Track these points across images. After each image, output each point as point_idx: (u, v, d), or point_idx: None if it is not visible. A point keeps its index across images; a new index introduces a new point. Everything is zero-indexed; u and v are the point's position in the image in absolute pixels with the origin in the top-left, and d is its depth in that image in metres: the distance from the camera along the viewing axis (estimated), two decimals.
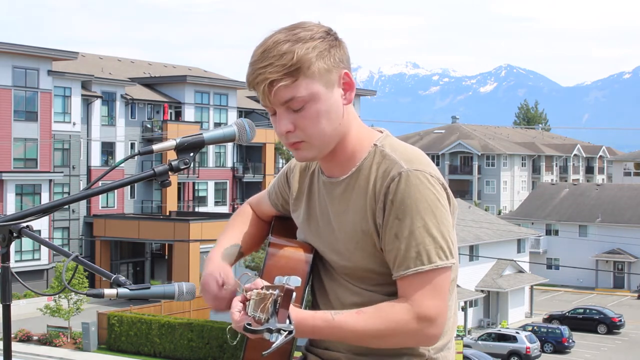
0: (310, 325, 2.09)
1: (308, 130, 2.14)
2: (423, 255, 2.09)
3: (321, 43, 2.13)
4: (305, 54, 2.09)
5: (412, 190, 2.10)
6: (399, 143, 2.23)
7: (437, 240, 2.10)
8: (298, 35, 2.12)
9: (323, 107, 2.13)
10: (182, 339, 33.64)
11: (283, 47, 2.09)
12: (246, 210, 2.60)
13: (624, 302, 54.49)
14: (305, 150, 2.18)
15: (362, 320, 2.08)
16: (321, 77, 2.12)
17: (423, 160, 2.16)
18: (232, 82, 61.67)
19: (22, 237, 2.17)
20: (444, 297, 2.12)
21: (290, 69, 2.08)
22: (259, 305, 1.88)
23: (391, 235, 2.12)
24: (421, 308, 2.08)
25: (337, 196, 2.25)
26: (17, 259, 43.17)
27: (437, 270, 2.10)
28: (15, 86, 45.98)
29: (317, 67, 2.11)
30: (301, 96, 2.10)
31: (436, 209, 2.10)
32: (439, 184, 2.14)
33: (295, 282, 1.90)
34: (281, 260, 2.29)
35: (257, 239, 2.53)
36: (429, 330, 2.09)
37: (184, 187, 56.88)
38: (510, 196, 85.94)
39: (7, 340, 2.23)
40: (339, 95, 2.16)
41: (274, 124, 2.16)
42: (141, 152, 2.14)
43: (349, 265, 2.23)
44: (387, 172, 2.15)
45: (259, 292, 1.89)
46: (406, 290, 2.11)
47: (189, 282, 2.19)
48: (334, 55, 2.14)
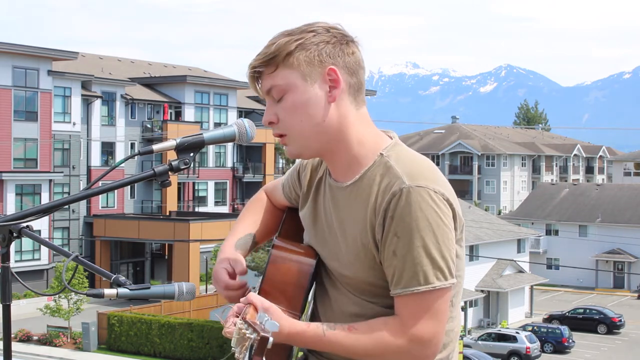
0: (301, 340, 2.10)
1: (287, 122, 2.14)
2: (420, 275, 2.04)
3: (312, 37, 2.11)
4: (286, 43, 2.10)
5: (412, 208, 2.04)
6: (405, 154, 2.16)
7: (435, 261, 2.04)
8: (295, 30, 2.14)
9: (299, 99, 2.11)
10: (182, 339, 33.64)
11: (274, 39, 2.13)
12: (261, 198, 2.58)
13: (624, 302, 54.49)
14: (289, 144, 2.18)
15: (353, 338, 2.07)
16: (300, 68, 2.10)
17: (428, 175, 2.09)
18: (232, 82, 61.67)
19: (22, 237, 2.18)
20: (441, 318, 2.07)
21: (270, 57, 2.11)
22: (240, 342, 1.87)
23: (389, 252, 2.08)
24: (415, 330, 2.05)
25: (340, 202, 2.22)
26: (17, 259, 43.17)
27: (434, 291, 2.05)
28: (15, 86, 45.98)
29: (296, 57, 2.10)
30: (278, 85, 2.12)
31: (437, 228, 2.04)
32: (443, 200, 2.07)
33: (272, 327, 1.88)
34: (284, 264, 2.26)
35: (271, 228, 2.51)
36: (423, 351, 2.06)
37: (184, 187, 56.88)
38: (510, 196, 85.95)
39: (7, 340, 2.23)
40: (324, 92, 2.12)
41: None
42: (141, 152, 2.14)
43: (349, 275, 2.20)
44: (389, 187, 2.09)
45: (240, 330, 1.88)
46: (402, 310, 2.07)
47: (189, 282, 2.19)
48: (322, 50, 2.11)
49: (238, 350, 1.87)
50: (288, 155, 2.21)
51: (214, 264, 2.71)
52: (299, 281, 2.24)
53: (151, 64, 65.21)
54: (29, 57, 46.45)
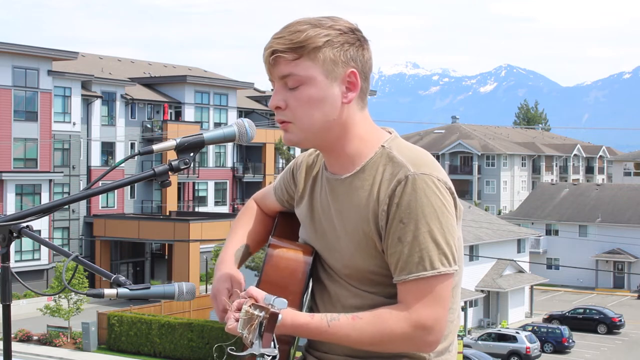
0: (305, 331, 2.10)
1: (297, 112, 2.15)
2: (426, 261, 2.07)
3: (338, 35, 2.14)
4: (315, 36, 2.11)
5: (418, 195, 2.08)
6: (406, 145, 2.21)
7: (440, 247, 2.08)
8: (321, 22, 2.14)
9: (316, 95, 2.13)
10: (182, 339, 33.65)
11: (300, 27, 2.13)
12: (251, 207, 2.59)
13: (624, 302, 54.47)
14: (291, 132, 2.18)
15: (358, 327, 2.08)
16: (324, 65, 2.12)
17: (430, 164, 2.15)
18: (232, 82, 61.69)
19: (22, 237, 2.17)
20: (444, 304, 2.10)
21: (296, 45, 2.11)
22: (247, 324, 1.88)
23: (394, 239, 2.10)
24: (419, 316, 2.07)
25: (340, 194, 2.24)
26: (17, 259, 43.17)
27: (439, 276, 2.08)
28: (15, 86, 45.98)
29: (322, 53, 2.12)
30: (298, 75, 2.12)
31: (442, 215, 2.09)
32: (446, 188, 2.12)
33: (281, 305, 1.89)
34: (281, 262, 2.27)
35: (263, 236, 2.53)
36: (427, 337, 2.08)
37: (184, 187, 56.88)
38: (510, 196, 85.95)
39: (7, 340, 2.23)
40: (340, 92, 2.15)
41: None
42: (141, 152, 2.14)
43: (350, 265, 2.21)
44: (394, 175, 2.13)
45: (247, 311, 1.89)
46: (406, 296, 2.09)
47: (189, 282, 2.18)
48: (347, 51, 2.14)
49: (246, 332, 1.87)
50: (286, 141, 2.22)
51: (214, 263, 2.71)
52: (296, 278, 2.25)
53: (151, 64, 65.21)
54: (29, 57, 46.45)
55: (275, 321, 1.86)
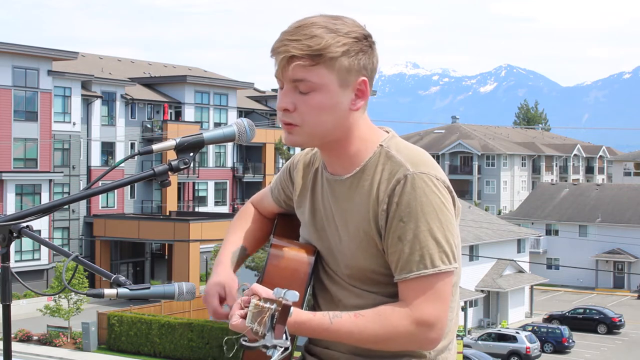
0: (307, 329, 2.10)
1: (305, 117, 2.13)
2: (426, 259, 2.09)
3: (354, 43, 2.13)
4: (333, 45, 2.10)
5: (417, 194, 2.10)
6: (404, 144, 2.22)
7: (441, 245, 2.09)
8: (336, 26, 2.12)
9: (328, 102, 2.12)
10: (182, 339, 33.64)
11: (317, 31, 2.10)
12: (248, 210, 2.59)
13: (624, 302, 54.48)
14: (296, 135, 2.17)
15: (360, 325, 2.09)
16: (339, 73, 2.11)
17: (429, 163, 2.16)
18: (232, 82, 61.70)
19: (22, 237, 2.17)
20: (445, 301, 2.11)
21: (314, 52, 2.09)
22: (257, 317, 1.87)
23: (394, 238, 2.11)
24: (421, 313, 2.08)
25: (340, 195, 2.25)
26: (17, 259, 43.17)
27: (440, 274, 2.09)
28: (15, 86, 45.98)
29: (339, 62, 2.11)
30: (312, 81, 2.10)
31: (441, 213, 2.10)
32: (444, 187, 2.14)
33: (292, 297, 1.88)
34: (282, 262, 2.28)
35: (260, 238, 2.54)
36: (429, 335, 2.09)
37: (184, 187, 56.89)
38: (510, 196, 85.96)
39: (7, 340, 2.23)
40: (349, 99, 2.15)
41: (278, 98, 2.18)
42: (141, 152, 2.14)
43: (352, 265, 2.22)
44: (393, 174, 2.14)
45: (257, 304, 1.88)
46: (407, 294, 2.11)
47: (189, 282, 2.19)
48: (360, 60, 2.14)
49: (256, 325, 1.86)
50: (288, 142, 2.21)
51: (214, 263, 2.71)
52: (298, 278, 2.26)
53: (151, 64, 65.22)
54: (29, 57, 46.45)
55: (287, 313, 1.85)
